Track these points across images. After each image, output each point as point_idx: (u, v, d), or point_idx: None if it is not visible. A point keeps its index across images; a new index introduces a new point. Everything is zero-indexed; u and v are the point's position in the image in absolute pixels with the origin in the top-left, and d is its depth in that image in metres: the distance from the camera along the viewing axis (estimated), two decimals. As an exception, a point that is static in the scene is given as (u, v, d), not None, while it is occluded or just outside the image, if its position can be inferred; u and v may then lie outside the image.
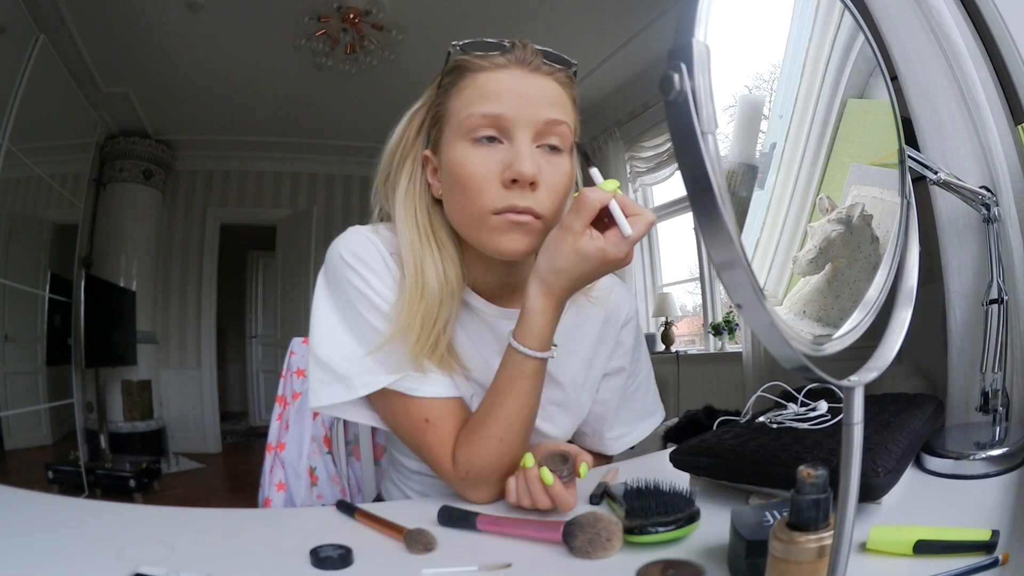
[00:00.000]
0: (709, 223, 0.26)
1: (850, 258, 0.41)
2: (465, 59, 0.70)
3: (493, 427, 0.69)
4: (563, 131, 0.70)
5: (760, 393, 0.87)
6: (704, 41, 0.26)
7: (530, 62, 0.69)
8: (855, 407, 0.33)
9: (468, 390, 0.78)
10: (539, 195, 0.68)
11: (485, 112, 0.68)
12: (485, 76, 0.69)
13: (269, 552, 0.62)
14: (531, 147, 0.68)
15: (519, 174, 0.66)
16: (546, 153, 0.70)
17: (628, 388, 0.92)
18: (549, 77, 0.70)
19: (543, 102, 0.68)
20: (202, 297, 4.87)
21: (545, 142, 0.69)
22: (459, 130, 0.69)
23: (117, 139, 4.41)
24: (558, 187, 0.70)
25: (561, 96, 0.70)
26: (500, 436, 0.69)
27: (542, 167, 0.68)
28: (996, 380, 0.77)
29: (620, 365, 0.89)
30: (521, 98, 0.68)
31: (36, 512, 0.72)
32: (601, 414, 0.90)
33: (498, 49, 0.69)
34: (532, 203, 0.68)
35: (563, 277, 0.65)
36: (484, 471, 0.70)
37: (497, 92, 0.68)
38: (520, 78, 0.68)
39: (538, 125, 0.68)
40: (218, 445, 4.82)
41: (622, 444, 0.93)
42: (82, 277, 3.57)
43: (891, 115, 0.46)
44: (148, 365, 4.52)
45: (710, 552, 0.55)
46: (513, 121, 0.68)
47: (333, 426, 1.06)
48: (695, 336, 4.15)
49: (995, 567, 0.47)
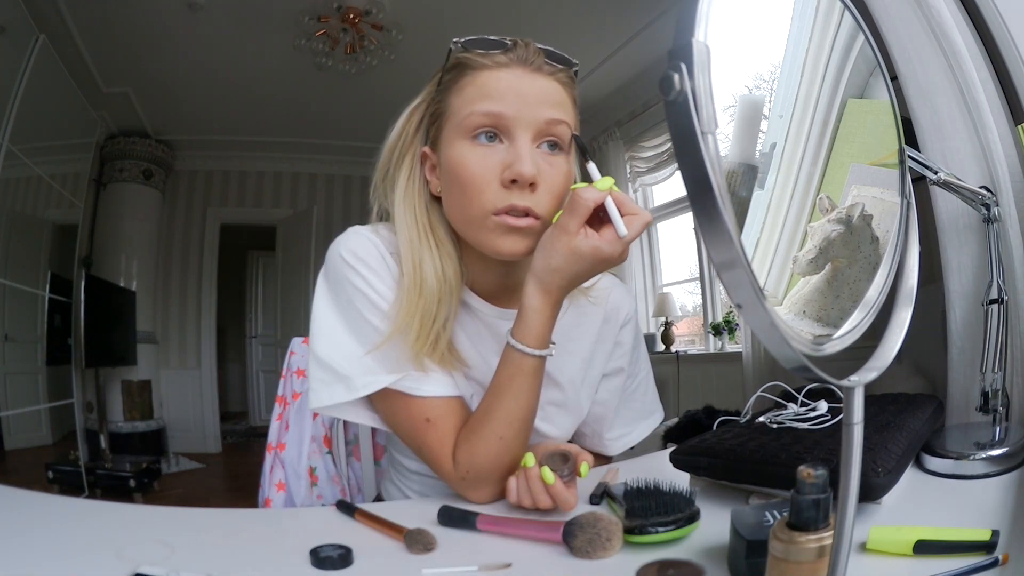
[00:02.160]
0: (709, 223, 0.26)
1: (850, 258, 0.41)
2: (466, 56, 0.70)
3: (493, 426, 0.69)
4: (563, 131, 0.70)
5: (760, 393, 0.87)
6: (704, 41, 0.26)
7: (532, 61, 0.68)
8: (855, 407, 0.33)
9: (468, 389, 0.78)
10: (538, 196, 0.68)
11: (486, 110, 0.67)
12: (487, 74, 0.68)
13: (269, 552, 0.62)
14: (531, 147, 0.68)
15: (519, 174, 0.66)
16: (546, 153, 0.69)
17: (627, 388, 0.92)
18: (551, 77, 0.69)
19: (544, 102, 0.68)
20: (202, 297, 4.87)
21: (547, 139, 0.69)
22: (459, 128, 0.69)
23: (117, 139, 4.41)
24: (557, 187, 0.69)
25: (562, 96, 0.70)
26: (500, 435, 0.69)
27: (542, 168, 0.68)
28: (996, 380, 0.77)
29: (619, 366, 0.89)
30: (522, 97, 0.67)
31: (36, 512, 0.72)
32: (600, 415, 0.90)
33: (500, 47, 0.68)
34: (531, 203, 0.67)
35: (559, 276, 0.65)
36: (484, 470, 0.70)
37: (498, 91, 0.67)
38: (522, 77, 0.68)
39: (539, 125, 0.68)
40: (218, 445, 4.82)
41: (621, 444, 0.93)
42: (82, 277, 3.57)
43: (891, 115, 0.46)
44: (148, 365, 4.52)
45: (710, 552, 0.55)
46: (514, 120, 0.67)
47: (333, 426, 1.06)
48: (695, 336, 4.15)
49: (995, 567, 0.47)
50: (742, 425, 0.81)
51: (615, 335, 0.88)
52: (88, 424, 3.74)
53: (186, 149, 4.77)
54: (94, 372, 3.93)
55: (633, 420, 0.94)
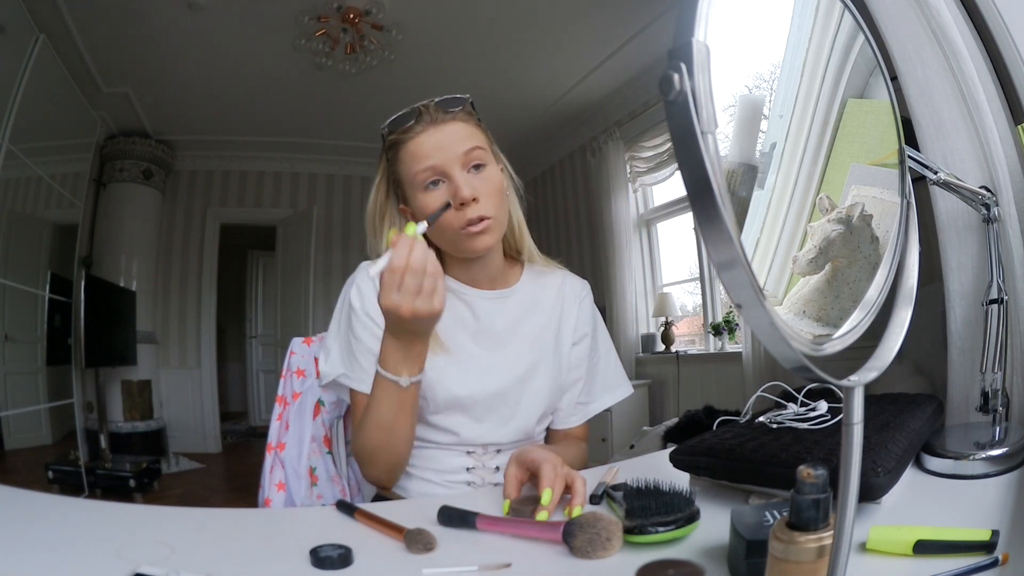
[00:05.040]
0: (709, 223, 0.26)
1: (850, 258, 0.41)
2: (394, 137, 0.91)
3: (366, 426, 0.86)
4: (478, 154, 0.89)
5: (760, 393, 0.87)
6: (704, 41, 0.26)
7: (435, 118, 0.88)
8: (855, 407, 0.33)
9: (447, 369, 0.92)
10: (482, 203, 0.87)
11: (423, 167, 0.88)
12: (412, 144, 0.89)
13: (269, 552, 0.62)
14: (463, 174, 0.88)
15: (463, 199, 0.86)
16: (475, 173, 0.89)
17: (591, 360, 1.03)
18: (453, 121, 0.89)
19: (456, 140, 0.88)
20: (202, 297, 4.87)
21: (471, 164, 0.89)
22: (413, 185, 0.89)
23: (117, 139, 4.42)
24: (492, 191, 0.89)
25: (467, 129, 0.90)
26: (368, 436, 0.87)
27: (475, 185, 0.88)
28: (996, 380, 0.77)
29: (584, 331, 1.03)
30: (440, 147, 0.87)
31: (36, 512, 0.72)
32: (573, 381, 1.01)
33: (412, 118, 0.89)
34: (480, 211, 0.87)
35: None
36: (363, 458, 0.89)
37: (425, 152, 0.88)
38: (434, 134, 0.88)
39: (460, 158, 0.88)
40: (218, 445, 4.83)
41: (589, 411, 1.04)
42: (82, 277, 3.57)
43: (891, 115, 0.46)
44: (148, 365, 4.52)
45: (710, 552, 0.55)
46: (444, 164, 0.87)
47: (333, 426, 1.06)
48: (695, 336, 4.15)
49: (995, 567, 0.47)
50: (742, 425, 0.81)
51: (576, 306, 1.03)
52: (88, 424, 3.74)
53: (186, 149, 4.77)
54: (94, 372, 3.93)
55: (600, 391, 1.04)
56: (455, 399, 0.91)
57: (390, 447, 0.86)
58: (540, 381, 0.96)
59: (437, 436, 0.93)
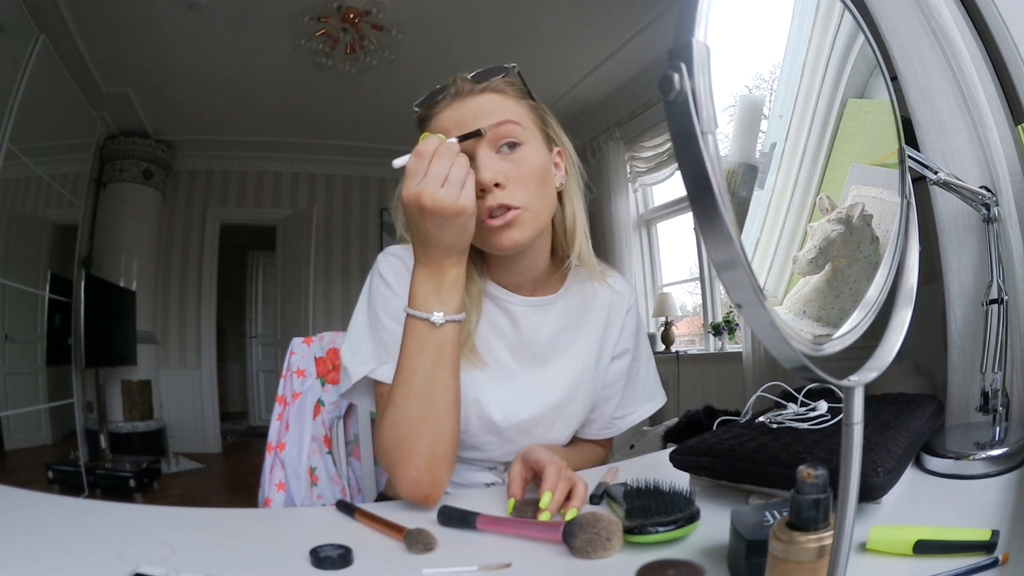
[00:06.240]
0: (709, 223, 0.26)
1: (850, 258, 0.41)
2: (421, 113, 0.82)
3: (394, 403, 0.75)
4: (509, 129, 0.78)
5: (760, 393, 0.87)
6: (704, 41, 0.26)
7: (462, 90, 0.79)
8: (855, 407, 0.33)
9: (486, 385, 0.84)
10: (509, 190, 0.76)
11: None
12: (436, 119, 0.80)
13: (269, 552, 0.62)
14: (490, 155, 0.77)
15: (482, 183, 0.75)
16: (507, 154, 0.78)
17: (631, 371, 0.98)
18: (481, 94, 0.79)
19: (484, 114, 0.77)
20: (202, 297, 4.87)
21: (501, 142, 0.78)
22: None
23: (117, 139, 4.41)
24: (526, 176, 0.78)
25: (498, 102, 0.79)
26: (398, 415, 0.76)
27: (502, 168, 0.77)
28: (996, 380, 0.77)
29: (626, 347, 0.96)
30: (461, 123, 0.77)
31: (36, 512, 0.72)
32: (608, 396, 0.96)
33: (440, 93, 0.80)
34: (503, 199, 0.76)
35: (414, 236, 0.73)
36: (387, 450, 0.76)
37: (444, 128, 0.78)
38: (458, 108, 0.79)
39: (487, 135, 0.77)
40: (218, 445, 4.82)
41: (626, 423, 0.99)
42: (82, 277, 3.57)
43: (891, 115, 0.46)
44: (148, 365, 4.52)
45: (710, 552, 0.55)
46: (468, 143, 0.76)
47: (333, 426, 1.06)
48: (695, 336, 4.15)
49: (995, 567, 0.47)
50: (742, 425, 0.81)
51: (622, 318, 0.95)
52: (88, 424, 3.74)
53: (186, 149, 4.77)
54: (94, 372, 3.93)
55: (637, 402, 0.99)
56: (489, 423, 0.84)
57: (430, 420, 0.72)
58: (578, 404, 0.90)
59: (461, 452, 0.86)
